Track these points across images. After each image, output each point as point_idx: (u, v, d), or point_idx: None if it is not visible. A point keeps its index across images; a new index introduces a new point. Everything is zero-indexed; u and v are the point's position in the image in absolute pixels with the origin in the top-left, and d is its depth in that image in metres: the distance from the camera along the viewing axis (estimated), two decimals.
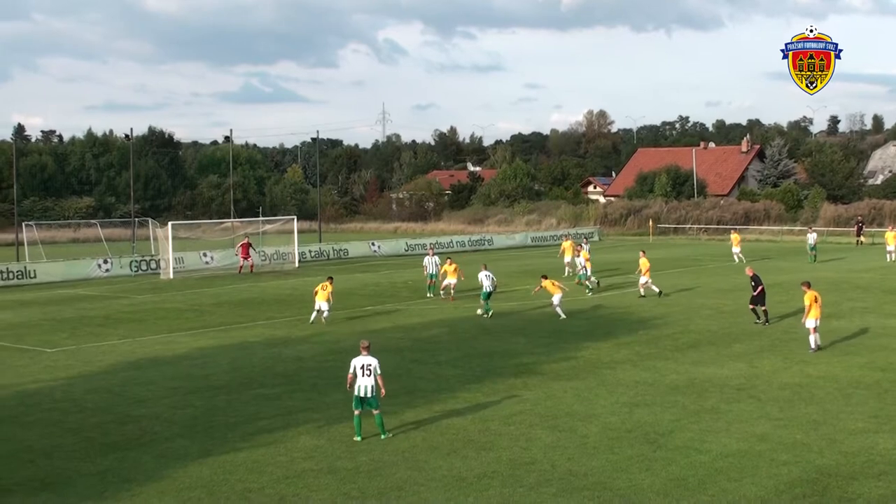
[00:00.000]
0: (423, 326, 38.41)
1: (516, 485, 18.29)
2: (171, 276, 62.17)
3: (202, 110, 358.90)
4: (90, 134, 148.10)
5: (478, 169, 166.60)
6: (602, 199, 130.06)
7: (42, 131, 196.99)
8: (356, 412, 21.73)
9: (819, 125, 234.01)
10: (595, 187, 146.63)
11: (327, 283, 40.23)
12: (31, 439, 22.29)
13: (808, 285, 32.17)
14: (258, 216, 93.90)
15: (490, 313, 40.38)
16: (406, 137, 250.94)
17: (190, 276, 62.51)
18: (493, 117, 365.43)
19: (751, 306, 37.37)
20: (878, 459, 19.52)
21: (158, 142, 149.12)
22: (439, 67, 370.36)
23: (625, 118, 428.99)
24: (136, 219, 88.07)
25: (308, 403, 25.11)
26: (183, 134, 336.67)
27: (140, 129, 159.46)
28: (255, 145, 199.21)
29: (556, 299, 39.47)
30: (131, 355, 33.19)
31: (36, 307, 47.90)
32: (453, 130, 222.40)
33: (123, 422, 23.65)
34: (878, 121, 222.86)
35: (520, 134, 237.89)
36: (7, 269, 60.82)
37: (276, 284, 55.86)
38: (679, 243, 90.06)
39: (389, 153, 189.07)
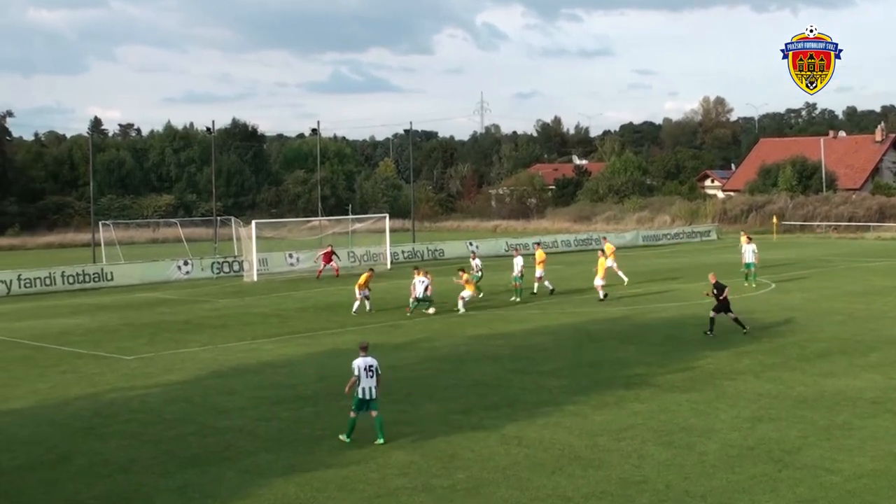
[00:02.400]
0: (524, 333, 38.31)
1: None
2: (255, 278, 62.85)
3: (288, 101, 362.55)
4: (169, 127, 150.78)
5: (584, 162, 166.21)
6: (720, 195, 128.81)
7: (119, 125, 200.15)
8: (353, 414, 22.65)
9: None
10: (713, 181, 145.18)
11: (363, 275, 44.80)
12: (108, 452, 22.64)
13: None
14: (347, 214, 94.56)
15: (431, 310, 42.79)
16: (506, 128, 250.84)
17: (274, 279, 63.13)
18: (600, 106, 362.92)
19: (712, 314, 36.53)
20: None
21: (241, 135, 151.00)
22: (542, 52, 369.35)
23: (745, 105, 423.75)
24: (218, 217, 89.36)
25: (401, 416, 25.15)
26: (267, 126, 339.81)
27: (222, 122, 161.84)
28: (343, 138, 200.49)
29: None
30: (213, 363, 33.60)
31: (113, 312, 48.76)
32: (557, 121, 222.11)
33: (204, 434, 23.92)
34: None
35: (630, 124, 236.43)
36: (83, 270, 62.03)
37: (371, 289, 56.04)
38: (806, 242, 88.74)
39: (488, 146, 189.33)
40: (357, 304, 44.63)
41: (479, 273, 49.68)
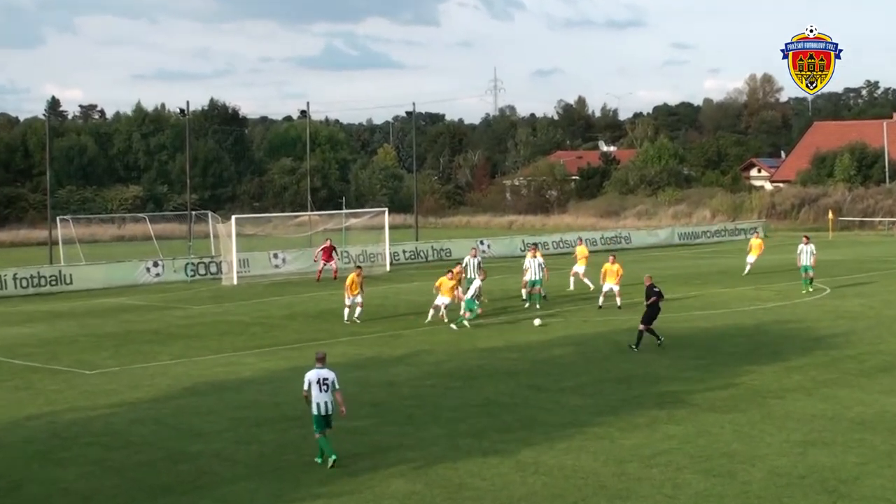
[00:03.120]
0: (543, 345, 38.33)
1: None
2: (235, 281, 62.91)
3: (273, 79, 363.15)
4: (139, 109, 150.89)
5: (612, 149, 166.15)
6: (768, 186, 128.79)
7: (81, 106, 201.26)
8: (318, 435, 23.11)
9: None
10: (759, 171, 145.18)
11: (352, 275, 44.09)
12: (67, 480, 22.67)
13: None
14: (341, 208, 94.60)
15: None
16: (523, 110, 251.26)
17: (257, 282, 63.19)
18: (631, 85, 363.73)
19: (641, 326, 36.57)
20: None
21: (220, 118, 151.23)
22: (565, 24, 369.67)
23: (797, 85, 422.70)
24: (194, 212, 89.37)
25: (402, 439, 25.19)
26: (250, 108, 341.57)
27: (198, 103, 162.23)
28: (337, 121, 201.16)
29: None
30: (186, 379, 33.63)
31: (72, 320, 48.84)
32: (581, 101, 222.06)
33: (176, 460, 23.95)
34: None
35: (665, 105, 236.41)
36: (38, 273, 62.13)
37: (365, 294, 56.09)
38: (866, 240, 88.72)
39: (502, 130, 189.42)
40: (347, 311, 44.49)
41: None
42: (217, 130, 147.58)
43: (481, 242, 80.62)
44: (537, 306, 47.45)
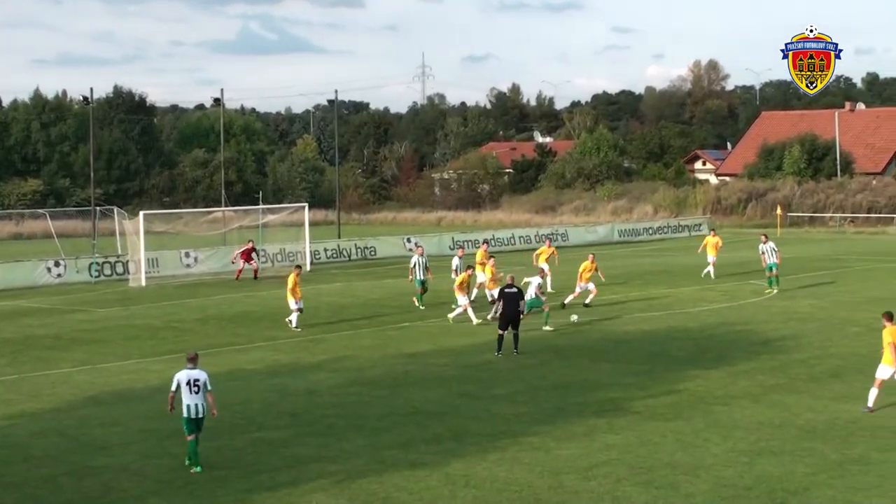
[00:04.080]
0: (475, 349, 38.45)
1: None
2: (143, 282, 62.57)
3: (184, 64, 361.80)
4: (37, 96, 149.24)
5: (548, 140, 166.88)
6: (713, 180, 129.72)
7: None
8: (189, 438, 23.70)
9: None
10: (704, 164, 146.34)
11: (291, 277, 43.53)
12: None
13: (891, 318, 28.40)
14: (258, 203, 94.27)
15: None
16: (453, 99, 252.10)
17: (167, 283, 62.89)
18: (568, 72, 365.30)
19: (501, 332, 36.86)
20: None
21: (127, 106, 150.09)
22: (498, 6, 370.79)
23: (744, 72, 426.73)
24: (98, 208, 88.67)
25: (323, 451, 25.19)
26: (160, 96, 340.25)
27: (104, 90, 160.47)
28: (253, 110, 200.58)
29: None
30: (91, 387, 33.43)
31: None
32: (515, 89, 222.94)
33: (81, 475, 23.80)
34: None
35: (604, 93, 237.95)
36: None
37: (281, 294, 55.73)
38: (816, 237, 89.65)
39: (431, 120, 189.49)
40: (296, 315, 44.10)
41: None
42: (124, 120, 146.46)
43: (408, 240, 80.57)
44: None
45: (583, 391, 31.02)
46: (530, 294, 41.77)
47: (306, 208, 72.98)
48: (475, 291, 48.41)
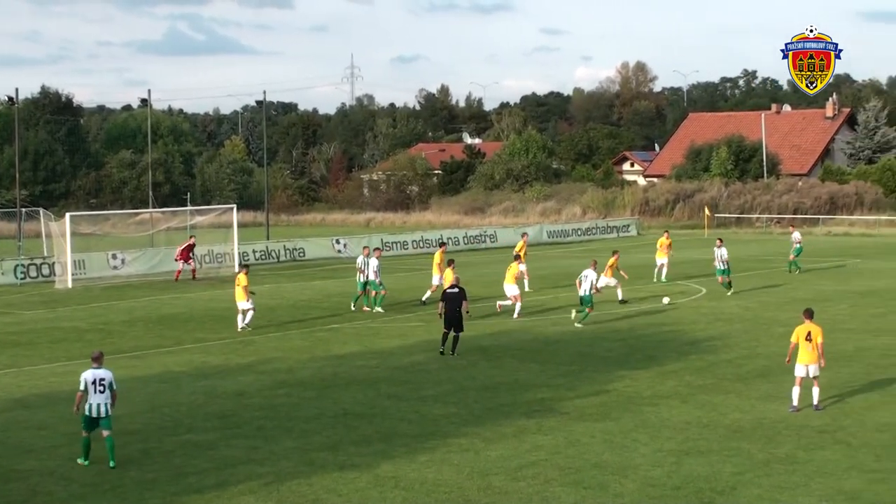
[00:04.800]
0: (403, 350, 38.45)
1: None
2: (70, 284, 62.11)
3: (111, 65, 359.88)
4: None
5: (477, 141, 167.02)
6: (641, 181, 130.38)
7: None
8: (84, 434, 24.21)
9: None
10: (632, 165, 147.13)
11: (241, 276, 42.93)
12: None
13: (811, 315, 29.29)
14: (186, 205, 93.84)
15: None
16: (382, 100, 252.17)
17: (95, 285, 62.45)
18: (497, 73, 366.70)
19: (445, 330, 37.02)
20: None
21: (53, 107, 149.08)
22: (428, 7, 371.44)
23: (672, 73, 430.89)
24: (24, 209, 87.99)
25: (251, 453, 25.10)
26: (86, 96, 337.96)
27: (29, 90, 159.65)
28: (181, 111, 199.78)
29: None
30: (16, 390, 33.16)
31: None
32: (444, 90, 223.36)
33: (6, 478, 23.60)
34: None
35: (533, 95, 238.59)
36: None
37: (210, 296, 55.88)
38: (743, 238, 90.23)
39: (360, 121, 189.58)
40: (250, 314, 43.79)
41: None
42: (49, 121, 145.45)
43: (337, 241, 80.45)
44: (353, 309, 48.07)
45: (511, 392, 31.08)
46: (585, 290, 42.96)
47: (235, 210, 72.62)
48: (428, 293, 48.69)
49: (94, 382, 24.02)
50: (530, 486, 22.12)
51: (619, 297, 48.23)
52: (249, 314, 43.55)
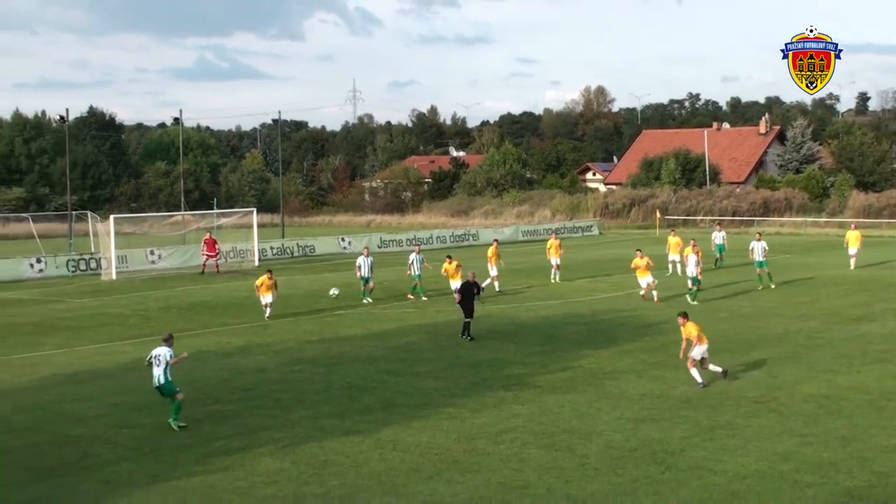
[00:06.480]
0: (399, 332, 38.41)
1: None
2: (114, 276, 62.00)
3: (148, 88, 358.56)
4: (19, 115, 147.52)
5: (461, 154, 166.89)
6: (602, 188, 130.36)
7: None
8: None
9: (847, 103, 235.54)
10: (594, 174, 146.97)
11: (265, 278, 41.99)
12: None
13: (686, 317, 29.06)
14: (212, 208, 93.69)
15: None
16: (380, 118, 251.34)
17: (135, 277, 62.34)
18: (481, 96, 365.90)
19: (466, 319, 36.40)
20: None
21: (99, 124, 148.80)
22: (419, 40, 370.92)
23: (628, 96, 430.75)
24: (74, 212, 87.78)
25: (270, 421, 25.07)
26: (126, 115, 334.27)
27: (78, 110, 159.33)
28: (208, 128, 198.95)
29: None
30: (68, 367, 33.09)
31: None
32: (434, 111, 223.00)
33: (60, 443, 23.56)
34: None
35: (509, 114, 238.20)
36: None
37: (233, 286, 55.75)
38: (689, 237, 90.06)
39: (361, 136, 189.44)
40: (268, 310, 42.45)
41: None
42: (96, 136, 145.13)
43: (342, 239, 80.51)
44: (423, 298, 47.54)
45: (492, 368, 31.06)
46: (692, 272, 44.43)
47: (254, 212, 72.54)
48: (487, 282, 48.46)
49: (154, 358, 24.43)
50: (509, 448, 22.11)
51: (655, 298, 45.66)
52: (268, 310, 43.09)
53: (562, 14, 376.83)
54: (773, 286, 49.04)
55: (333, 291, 47.31)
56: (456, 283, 44.51)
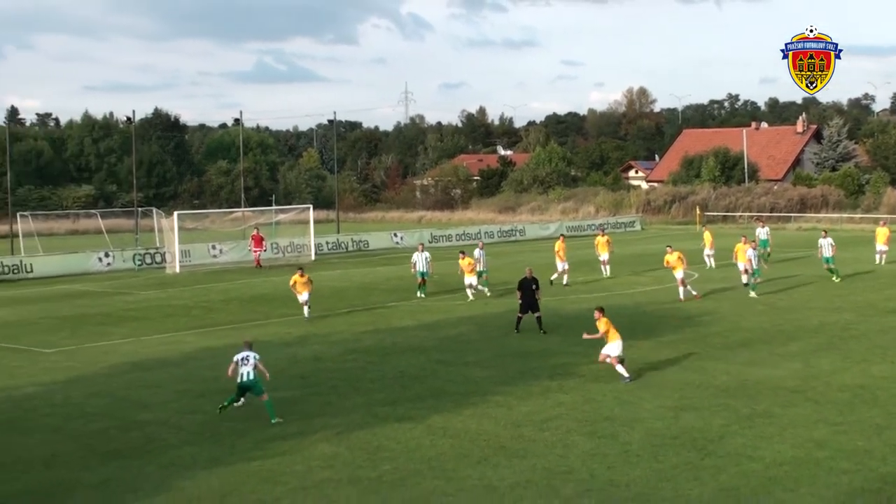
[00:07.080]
0: (449, 324, 38.45)
1: (552, 496, 18.29)
2: (178, 270, 62.45)
3: (210, 91, 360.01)
4: (88, 117, 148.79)
5: (509, 153, 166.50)
6: (644, 185, 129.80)
7: (38, 114, 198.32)
8: (235, 395, 24.69)
9: (882, 102, 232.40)
10: (636, 172, 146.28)
11: (298, 276, 40.80)
12: (29, 447, 22.45)
13: (602, 311, 28.87)
14: (271, 205, 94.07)
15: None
16: (431, 119, 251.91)
17: (197, 270, 62.76)
18: (528, 97, 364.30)
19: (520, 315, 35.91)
20: None
21: (163, 125, 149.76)
22: (468, 43, 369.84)
23: (669, 96, 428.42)
24: (140, 208, 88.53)
25: (326, 408, 25.17)
26: (189, 116, 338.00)
27: (143, 112, 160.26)
28: (267, 128, 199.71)
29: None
30: (135, 356, 33.37)
31: (32, 304, 48.21)
32: (482, 111, 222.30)
33: (127, 428, 23.78)
34: None
35: (554, 115, 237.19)
36: (1, 263, 61.21)
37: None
38: (729, 232, 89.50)
39: (413, 136, 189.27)
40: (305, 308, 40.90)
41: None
42: (160, 136, 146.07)
43: (395, 235, 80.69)
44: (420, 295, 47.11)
45: (538, 358, 31.04)
46: (756, 264, 44.72)
47: (311, 209, 72.75)
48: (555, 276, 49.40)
49: (242, 358, 24.21)
50: (554, 435, 22.10)
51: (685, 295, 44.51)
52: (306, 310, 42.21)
53: (605, 18, 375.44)
54: (836, 279, 48.83)
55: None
56: (470, 279, 44.48)
